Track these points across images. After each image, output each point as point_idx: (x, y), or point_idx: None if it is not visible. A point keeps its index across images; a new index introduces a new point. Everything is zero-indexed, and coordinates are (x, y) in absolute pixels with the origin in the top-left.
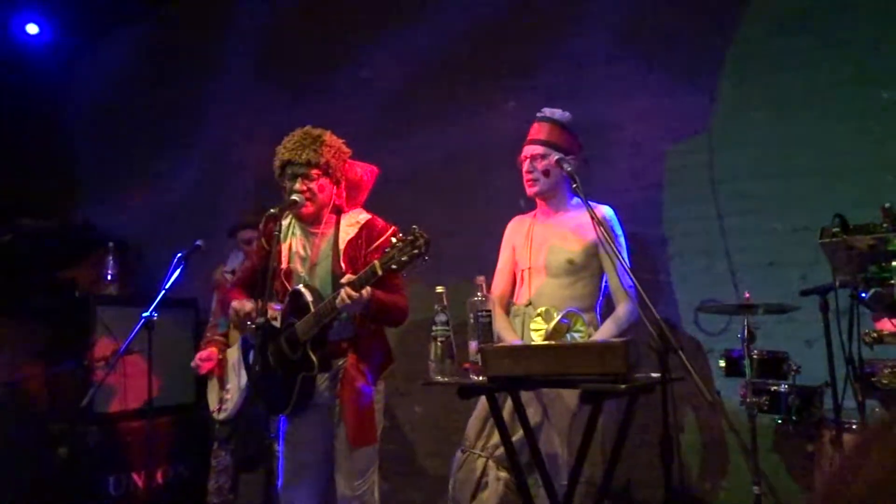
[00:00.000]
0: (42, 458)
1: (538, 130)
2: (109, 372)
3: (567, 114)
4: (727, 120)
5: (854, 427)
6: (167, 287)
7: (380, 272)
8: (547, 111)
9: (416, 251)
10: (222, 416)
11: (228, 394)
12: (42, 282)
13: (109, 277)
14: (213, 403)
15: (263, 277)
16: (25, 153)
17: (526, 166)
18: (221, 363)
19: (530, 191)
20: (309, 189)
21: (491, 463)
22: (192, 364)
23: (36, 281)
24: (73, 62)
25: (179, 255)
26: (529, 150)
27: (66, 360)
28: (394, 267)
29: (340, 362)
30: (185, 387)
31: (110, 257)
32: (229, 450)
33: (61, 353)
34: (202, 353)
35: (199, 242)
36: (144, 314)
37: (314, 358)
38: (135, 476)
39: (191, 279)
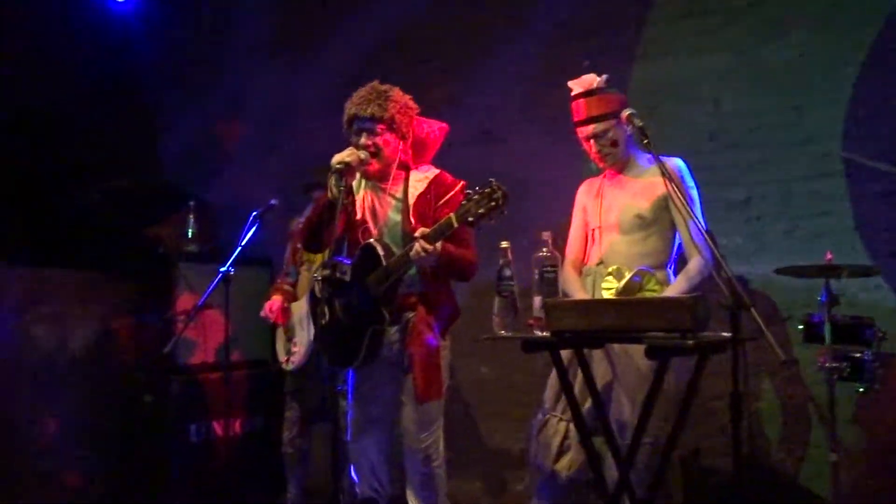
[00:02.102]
0: (129, 405)
1: (586, 107)
2: (189, 324)
3: (604, 76)
4: (815, 77)
5: None
6: (243, 243)
7: (456, 224)
8: (581, 85)
9: (493, 203)
10: (290, 367)
11: (296, 346)
12: (129, 239)
13: (191, 235)
14: (281, 354)
15: (329, 229)
16: (113, 116)
17: (593, 147)
18: (286, 312)
19: (603, 164)
20: (374, 143)
21: (573, 427)
22: (262, 314)
23: (123, 238)
24: (159, 27)
25: (254, 213)
26: (587, 130)
27: (151, 313)
28: (470, 219)
29: (409, 315)
30: (262, 341)
31: (191, 216)
32: (296, 401)
33: (147, 307)
34: (269, 303)
35: (273, 202)
36: (222, 269)
37: (385, 312)
38: (215, 424)
39: (267, 238)
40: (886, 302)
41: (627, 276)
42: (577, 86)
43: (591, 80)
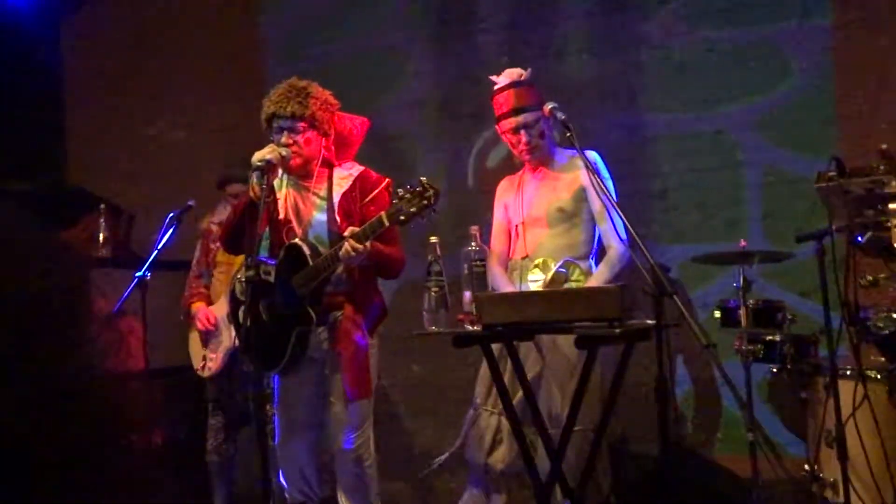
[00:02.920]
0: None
1: (514, 97)
2: (101, 333)
3: (528, 70)
4: (726, 72)
5: (848, 373)
6: (160, 247)
7: (387, 224)
8: (509, 77)
9: (424, 202)
10: (206, 373)
11: (213, 352)
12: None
13: (102, 240)
14: (196, 361)
15: (251, 229)
16: (18, 117)
17: (522, 138)
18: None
19: (528, 157)
20: (295, 142)
21: (504, 420)
22: (200, 328)
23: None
24: (63, 25)
25: (171, 214)
26: (515, 121)
27: None
28: (402, 218)
29: (337, 314)
30: (182, 348)
31: (102, 220)
32: (220, 408)
33: None
34: (203, 314)
35: (191, 202)
36: (137, 274)
37: (312, 312)
38: (132, 437)
39: (185, 240)
40: (796, 286)
41: (553, 268)
42: (502, 78)
43: (517, 72)
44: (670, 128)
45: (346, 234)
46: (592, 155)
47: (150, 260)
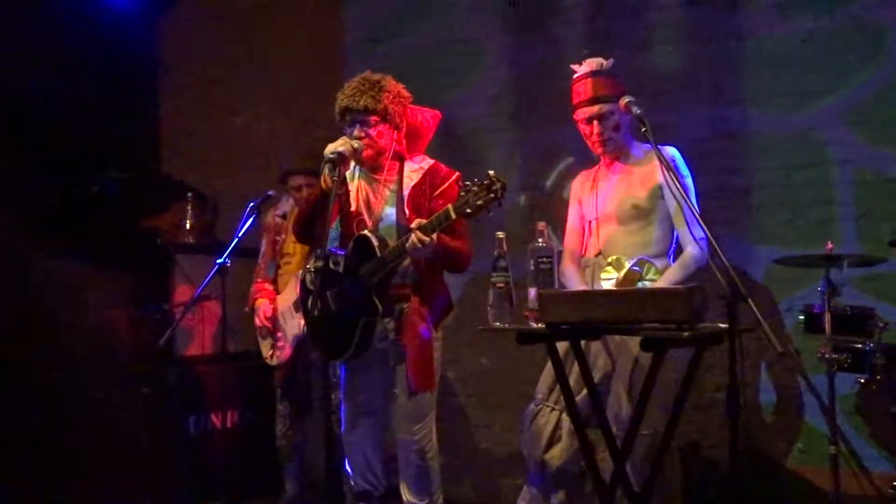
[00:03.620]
0: (127, 397)
1: (592, 87)
2: (185, 315)
3: (610, 60)
4: (819, 64)
5: None
6: (240, 234)
7: (454, 216)
8: (589, 66)
9: (491, 195)
10: (275, 362)
11: (280, 341)
12: (127, 230)
13: (188, 226)
14: (265, 350)
15: (322, 220)
16: (112, 107)
17: (595, 128)
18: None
19: (602, 150)
20: (367, 135)
21: (565, 416)
22: (257, 324)
23: (121, 229)
24: (159, 19)
25: (252, 203)
26: (591, 110)
27: (149, 304)
28: (468, 211)
29: (403, 306)
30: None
31: (189, 207)
32: (286, 396)
33: (144, 299)
34: (262, 311)
35: (270, 192)
36: (218, 261)
37: (378, 303)
38: (213, 416)
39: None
40: (891, 292)
41: (627, 265)
42: (583, 67)
43: (598, 61)
44: (756, 122)
45: (412, 225)
46: (671, 151)
47: (231, 247)
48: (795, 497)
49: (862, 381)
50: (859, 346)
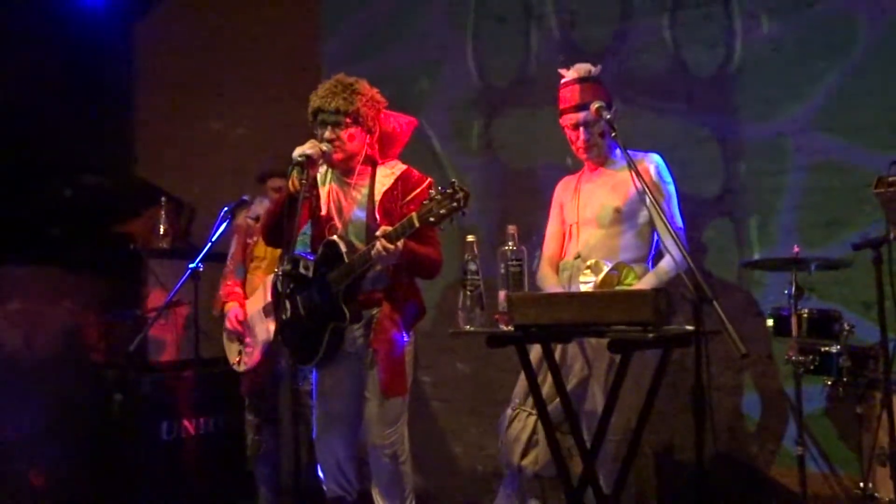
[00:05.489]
0: (98, 404)
1: (579, 93)
2: (156, 321)
3: (598, 67)
4: (787, 72)
5: None
6: (213, 239)
7: (417, 224)
8: (577, 71)
9: (454, 204)
10: (242, 367)
11: (249, 346)
12: (99, 236)
13: (162, 231)
14: (231, 355)
15: (290, 223)
16: (86, 112)
17: (581, 134)
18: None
19: (586, 156)
20: (338, 137)
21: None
22: (229, 327)
23: (93, 235)
24: (135, 26)
25: (225, 208)
26: (577, 117)
27: (121, 310)
28: (431, 220)
29: (374, 312)
30: None
31: (163, 212)
32: (256, 402)
33: (116, 304)
34: (233, 314)
35: (245, 197)
36: (191, 265)
37: (346, 309)
38: (186, 423)
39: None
40: (857, 296)
41: (605, 269)
42: (571, 72)
43: (586, 67)
44: (727, 130)
45: (378, 233)
46: (654, 158)
47: (204, 252)
48: (766, 499)
49: (829, 382)
50: (826, 348)
